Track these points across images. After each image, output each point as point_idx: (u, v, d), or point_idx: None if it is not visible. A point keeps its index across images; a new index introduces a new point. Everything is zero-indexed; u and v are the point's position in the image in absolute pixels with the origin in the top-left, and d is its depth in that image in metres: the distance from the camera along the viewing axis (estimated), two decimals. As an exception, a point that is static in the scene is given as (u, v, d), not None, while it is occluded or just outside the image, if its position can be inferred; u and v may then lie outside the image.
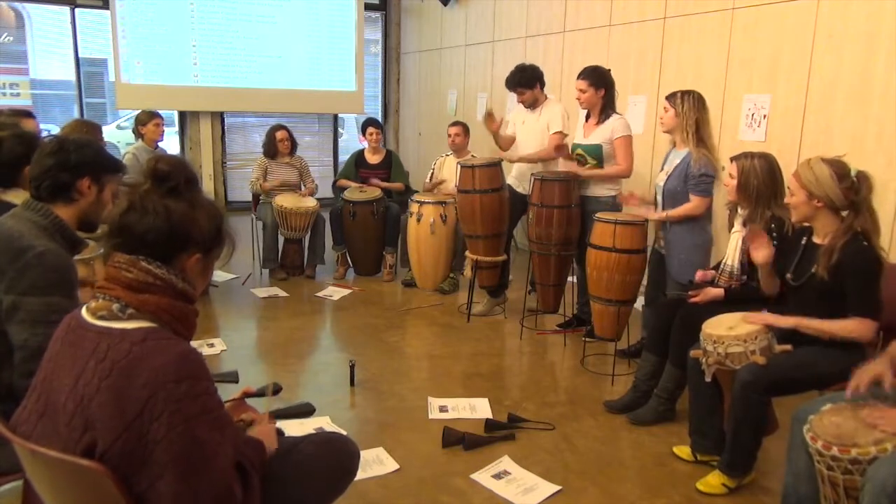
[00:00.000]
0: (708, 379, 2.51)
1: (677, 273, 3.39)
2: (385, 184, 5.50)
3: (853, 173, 2.31)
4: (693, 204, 3.34)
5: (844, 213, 2.36)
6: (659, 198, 3.54)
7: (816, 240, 2.45)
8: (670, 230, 3.44)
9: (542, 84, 4.32)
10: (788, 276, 2.51)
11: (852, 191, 2.30)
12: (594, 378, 3.62)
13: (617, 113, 3.90)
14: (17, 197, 2.13)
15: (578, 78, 3.88)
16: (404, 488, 2.53)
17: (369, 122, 5.64)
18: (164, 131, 5.05)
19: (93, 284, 2.03)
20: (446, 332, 4.29)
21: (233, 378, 2.23)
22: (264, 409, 1.75)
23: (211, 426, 1.24)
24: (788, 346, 2.41)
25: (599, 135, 3.87)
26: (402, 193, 5.65)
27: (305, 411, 2.00)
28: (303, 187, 5.53)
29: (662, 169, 3.57)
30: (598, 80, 3.84)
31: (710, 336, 2.47)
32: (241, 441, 1.41)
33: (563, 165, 4.35)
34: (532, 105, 4.31)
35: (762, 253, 2.61)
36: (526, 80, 4.25)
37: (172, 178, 1.33)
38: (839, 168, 2.32)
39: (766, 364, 2.34)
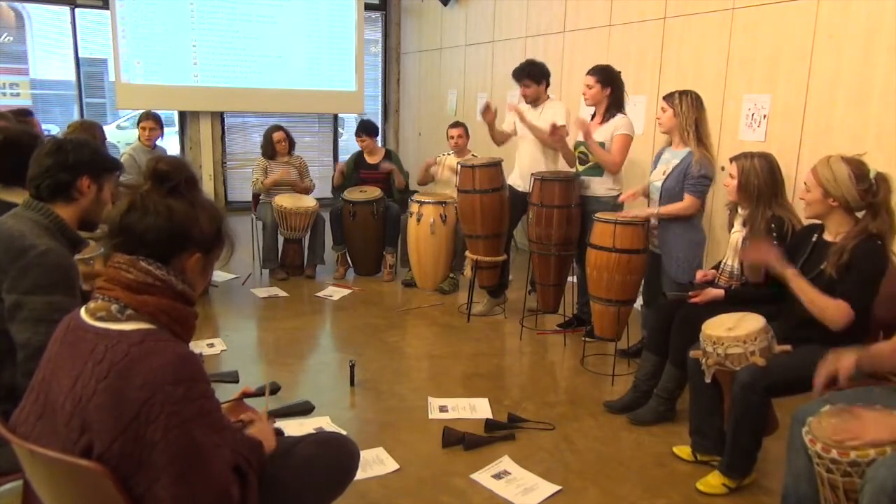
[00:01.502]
0: (708, 380, 2.51)
1: (676, 273, 3.41)
2: (391, 165, 5.47)
3: (872, 175, 2.29)
4: (686, 203, 3.37)
5: (859, 214, 2.35)
6: (654, 196, 3.55)
7: (828, 237, 2.44)
8: (666, 229, 3.46)
9: (548, 83, 4.33)
10: None
11: (870, 193, 2.29)
12: (594, 378, 3.62)
13: (622, 113, 3.90)
14: (15, 196, 2.13)
15: (587, 74, 3.88)
16: (404, 488, 2.53)
17: (358, 130, 5.57)
18: (154, 136, 4.97)
19: (95, 279, 2.03)
20: (446, 332, 4.29)
21: (233, 378, 2.24)
22: (263, 409, 1.75)
23: (208, 428, 1.23)
24: (788, 347, 2.41)
25: (602, 133, 3.87)
26: (403, 193, 5.65)
27: (304, 409, 2.00)
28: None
29: (655, 167, 3.58)
30: (606, 79, 3.84)
31: (710, 337, 2.46)
32: (239, 441, 1.41)
33: (563, 166, 4.35)
34: (534, 102, 4.31)
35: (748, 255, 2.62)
36: (535, 74, 4.25)
37: (173, 177, 1.33)
38: (858, 169, 2.30)
39: (765, 365, 2.34)
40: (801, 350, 2.38)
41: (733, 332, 2.41)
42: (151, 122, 4.98)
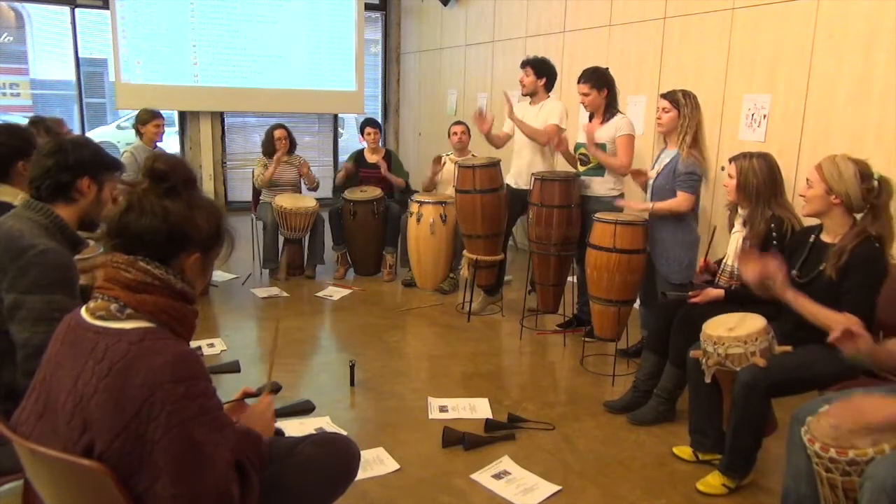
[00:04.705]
0: (708, 380, 2.51)
1: (668, 272, 3.42)
2: (388, 173, 5.48)
3: (876, 177, 2.31)
4: (678, 200, 3.40)
5: (858, 216, 2.36)
6: (648, 194, 3.57)
7: (826, 238, 2.44)
8: (659, 230, 3.47)
9: (549, 84, 4.32)
10: (794, 273, 2.49)
11: (872, 193, 2.30)
12: (594, 378, 3.62)
13: (620, 112, 3.91)
14: (7, 194, 2.14)
15: (579, 82, 3.88)
16: (404, 488, 2.53)
17: (367, 123, 5.65)
18: (164, 132, 5.03)
19: (91, 272, 2.03)
20: (446, 332, 4.29)
21: (234, 367, 2.22)
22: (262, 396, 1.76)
23: (209, 427, 1.23)
24: (789, 347, 2.40)
25: (603, 134, 3.87)
26: (403, 193, 5.65)
27: (304, 409, 2.00)
28: (303, 183, 5.52)
29: (653, 167, 3.60)
30: (600, 81, 3.85)
31: (710, 337, 2.46)
32: (241, 439, 1.41)
33: (560, 164, 4.35)
34: (530, 95, 4.31)
35: (749, 269, 2.47)
36: (539, 67, 4.25)
37: (170, 178, 1.32)
38: (863, 168, 2.32)
39: (766, 366, 2.34)
40: (801, 350, 2.38)
41: (734, 332, 2.41)
42: (161, 119, 5.00)
